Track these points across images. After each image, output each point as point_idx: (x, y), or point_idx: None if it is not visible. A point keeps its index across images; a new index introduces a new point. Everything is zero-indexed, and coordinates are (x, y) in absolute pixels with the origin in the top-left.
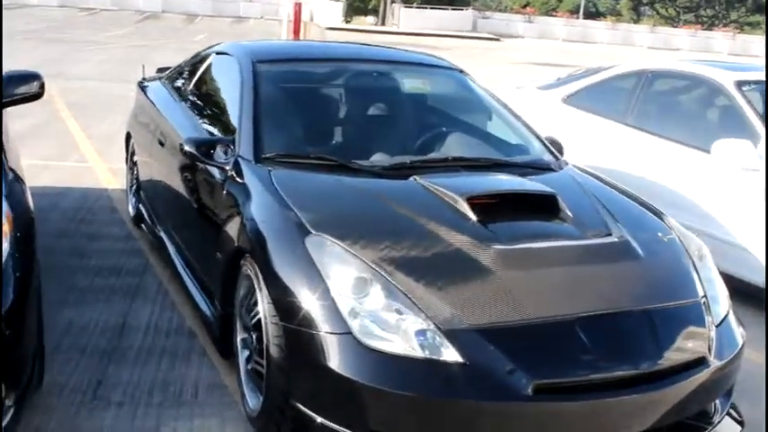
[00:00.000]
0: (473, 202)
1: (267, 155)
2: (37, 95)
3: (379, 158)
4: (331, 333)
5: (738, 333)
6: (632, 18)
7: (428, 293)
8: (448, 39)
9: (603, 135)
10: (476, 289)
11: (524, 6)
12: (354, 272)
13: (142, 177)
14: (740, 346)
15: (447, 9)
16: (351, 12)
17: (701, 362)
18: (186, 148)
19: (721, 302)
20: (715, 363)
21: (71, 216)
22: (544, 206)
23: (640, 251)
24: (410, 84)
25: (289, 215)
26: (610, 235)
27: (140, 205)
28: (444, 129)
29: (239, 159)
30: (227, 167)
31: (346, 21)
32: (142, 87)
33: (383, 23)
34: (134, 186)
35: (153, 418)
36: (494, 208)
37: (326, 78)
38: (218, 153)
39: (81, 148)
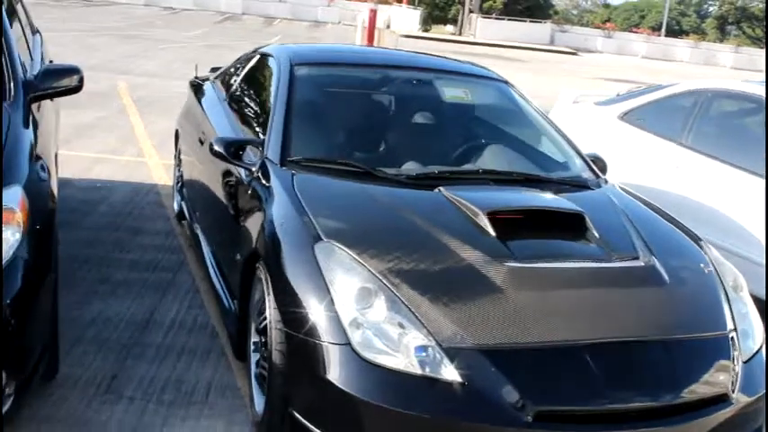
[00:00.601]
0: (495, 217)
1: (294, 158)
2: (76, 89)
3: (409, 167)
4: (330, 343)
5: None
6: (717, 37)
7: (432, 309)
8: (523, 51)
9: (658, 155)
10: (483, 307)
11: (605, 22)
12: (359, 282)
13: (185, 175)
14: (765, 389)
15: (525, 21)
16: (430, 20)
17: (722, 399)
18: (215, 147)
19: (754, 337)
20: (739, 401)
21: (118, 210)
22: (571, 225)
23: (667, 278)
24: (451, 93)
25: (303, 220)
26: (636, 259)
27: (183, 202)
28: (481, 140)
29: (266, 161)
30: (254, 169)
31: (425, 29)
32: (192, 86)
33: (461, 33)
34: (179, 183)
35: (160, 416)
36: (517, 224)
37: (364, 84)
38: (248, 154)
39: (140, 143)
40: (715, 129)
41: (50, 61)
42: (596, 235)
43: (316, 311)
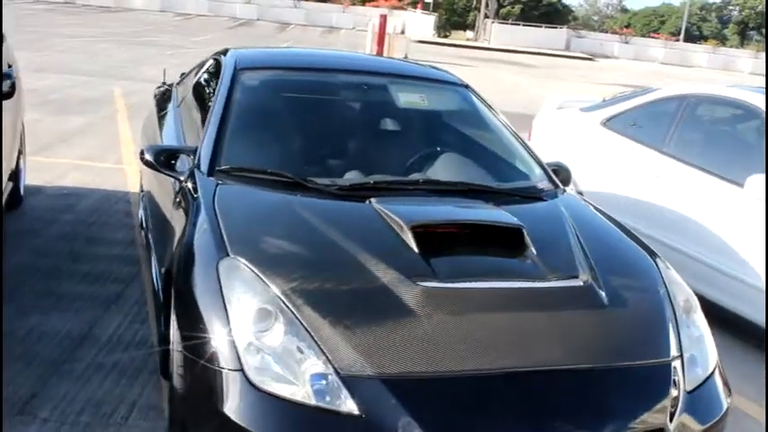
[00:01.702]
0: (422, 231)
1: (223, 167)
2: (7, 95)
3: (350, 177)
4: (223, 369)
5: (721, 400)
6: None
7: (334, 333)
8: (538, 56)
9: (638, 163)
10: (389, 332)
11: (625, 27)
12: (258, 303)
13: (144, 184)
14: (716, 419)
15: (541, 26)
16: (449, 26)
17: None
18: (145, 156)
19: (703, 364)
20: None
21: (83, 219)
22: (507, 240)
23: (606, 300)
24: (406, 99)
25: (214, 235)
26: (575, 278)
27: (142, 211)
28: (433, 149)
29: (195, 171)
30: (182, 178)
31: (445, 35)
32: (157, 92)
33: (477, 39)
34: (141, 192)
35: None
36: (446, 239)
37: (313, 90)
38: (182, 163)
39: (122, 150)
40: (697, 136)
41: (8, 65)
42: (533, 251)
43: (211, 333)
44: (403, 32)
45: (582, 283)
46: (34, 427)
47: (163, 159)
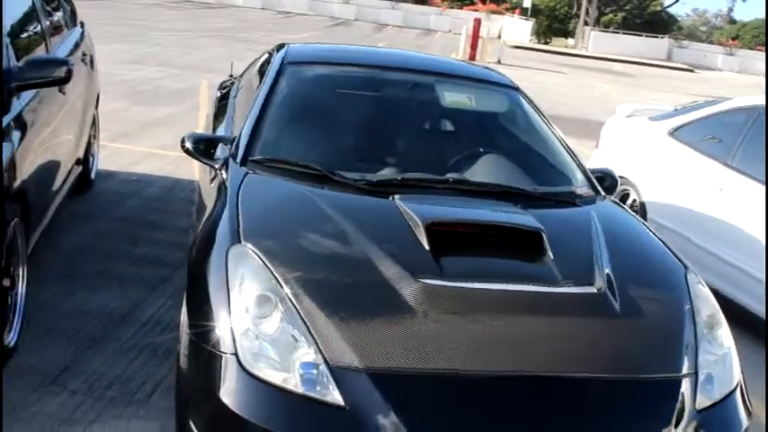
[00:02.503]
0: (439, 229)
1: (256, 157)
2: (63, 80)
3: (384, 173)
4: (220, 353)
5: (737, 422)
6: None
7: (329, 324)
8: (636, 65)
9: (703, 176)
10: (382, 327)
11: (733, 39)
12: (259, 289)
13: (197, 174)
14: None
15: (641, 35)
16: (550, 33)
17: None
18: (186, 144)
19: (721, 384)
20: None
21: (148, 204)
22: (527, 244)
23: (618, 309)
24: (452, 98)
25: (231, 222)
26: (590, 285)
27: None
28: (473, 149)
29: (229, 159)
30: (216, 167)
31: (545, 42)
32: (221, 84)
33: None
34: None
35: (95, 411)
36: (462, 239)
37: (357, 85)
38: (222, 152)
39: None
40: (763, 148)
41: (88, 55)
42: (551, 256)
43: (213, 317)
44: (500, 37)
45: (596, 291)
46: (62, 398)
47: (202, 148)
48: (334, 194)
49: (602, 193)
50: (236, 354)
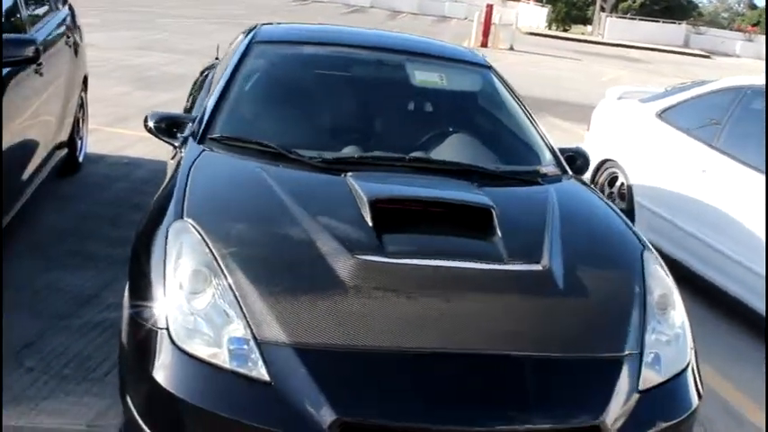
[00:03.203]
0: (386, 207)
1: (214, 136)
2: (31, 60)
3: (348, 151)
4: (152, 328)
5: (685, 403)
6: None
7: (259, 299)
8: (652, 52)
9: (687, 157)
10: (313, 302)
11: (754, 25)
12: (193, 264)
13: None
14: (671, 422)
15: (658, 21)
16: (569, 20)
17: (593, 431)
18: (148, 123)
19: (669, 364)
20: None
21: (135, 187)
22: (476, 221)
23: (562, 287)
24: (422, 77)
25: (177, 199)
26: (536, 263)
27: None
28: (439, 129)
29: (188, 138)
30: (176, 144)
31: (564, 29)
32: (205, 67)
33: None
34: None
35: (48, 389)
36: (410, 217)
37: (324, 65)
38: (184, 130)
39: None
40: (750, 131)
41: (72, 37)
42: (499, 234)
43: (149, 293)
44: (515, 24)
45: (540, 269)
46: (17, 374)
47: (164, 127)
48: (285, 172)
49: (569, 173)
50: (167, 329)
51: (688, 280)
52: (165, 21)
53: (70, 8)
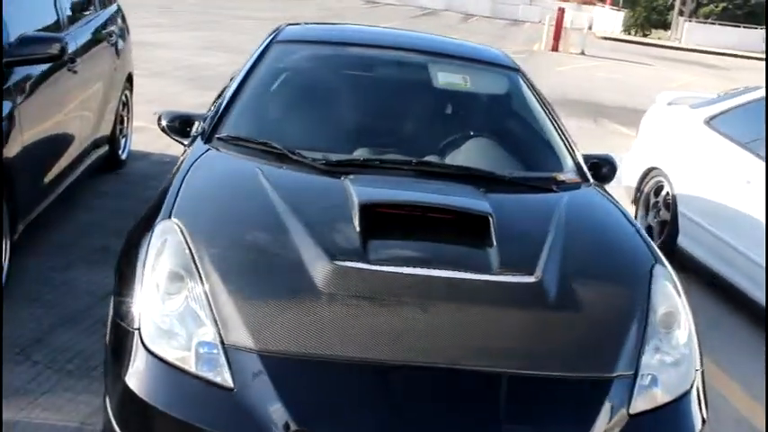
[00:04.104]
0: (382, 211)
1: (222, 135)
2: (55, 57)
3: (357, 154)
4: (126, 328)
5: (682, 429)
6: None
7: (231, 304)
8: (730, 58)
9: (732, 166)
10: (283, 309)
11: None
12: (171, 265)
13: None
14: None
15: (739, 27)
16: (648, 25)
17: None
18: (162, 122)
19: (668, 388)
20: None
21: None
22: (472, 229)
23: (554, 301)
24: (446, 79)
25: (171, 197)
26: (530, 275)
27: None
28: (459, 132)
29: (197, 137)
30: (185, 143)
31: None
32: None
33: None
34: None
35: (49, 383)
36: (404, 222)
37: (343, 65)
38: (196, 129)
39: None
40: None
41: (115, 36)
42: (494, 242)
43: (127, 291)
44: (590, 28)
45: (531, 281)
46: (23, 367)
47: (177, 125)
48: (283, 173)
49: (590, 180)
50: (138, 329)
51: (729, 293)
52: (233, 22)
53: (118, 8)
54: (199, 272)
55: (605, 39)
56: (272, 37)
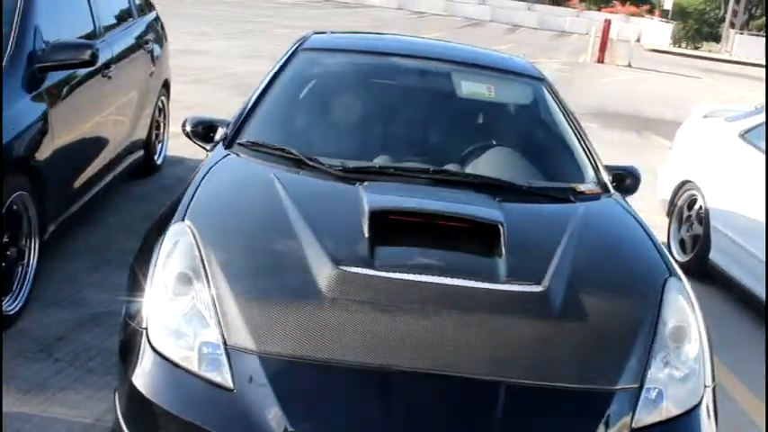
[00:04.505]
0: (394, 218)
1: (242, 141)
2: (87, 63)
3: (377, 161)
4: (135, 326)
5: None
6: None
7: (235, 305)
8: None
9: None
10: (287, 312)
11: None
12: (180, 267)
13: None
14: None
15: None
16: (699, 37)
17: None
18: (186, 127)
19: (674, 401)
20: None
21: None
22: (483, 237)
23: (559, 312)
24: (469, 88)
25: (186, 199)
26: (537, 284)
27: None
28: (480, 142)
29: (219, 143)
30: (208, 148)
31: (695, 46)
32: None
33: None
34: None
35: (69, 379)
36: (411, 229)
37: (365, 73)
38: (220, 135)
39: None
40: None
41: (152, 43)
42: (503, 251)
43: (137, 291)
44: (638, 40)
45: (537, 291)
46: (45, 364)
47: (200, 131)
48: (299, 179)
49: (611, 191)
50: (146, 328)
51: (760, 312)
52: (282, 31)
53: (156, 16)
54: (206, 274)
55: (653, 51)
56: (297, 45)
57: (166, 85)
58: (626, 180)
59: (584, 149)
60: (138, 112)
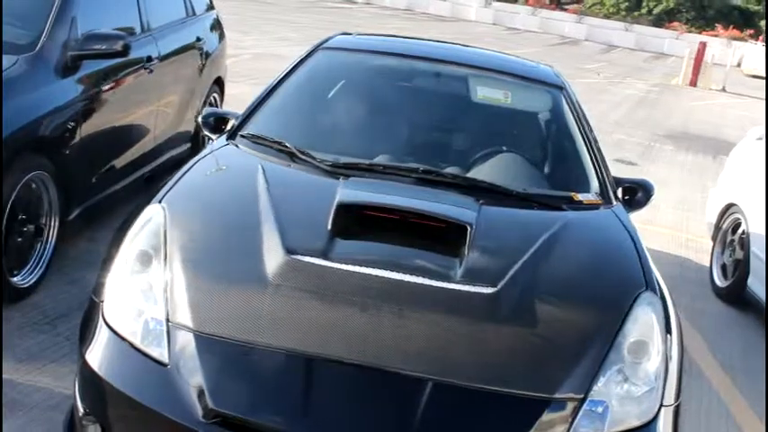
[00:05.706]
0: (366, 213)
1: (245, 133)
2: (119, 53)
3: (379, 161)
4: (93, 300)
5: None
6: None
7: (184, 285)
8: None
9: None
10: (231, 294)
11: None
12: (143, 245)
13: None
14: None
15: None
16: None
17: None
18: (198, 118)
19: (620, 417)
20: None
21: None
22: (450, 238)
23: (507, 315)
24: (484, 93)
25: (172, 182)
26: (491, 287)
27: None
28: (485, 147)
29: (225, 133)
30: (214, 138)
31: None
32: None
33: None
34: None
35: (62, 352)
36: (377, 225)
37: (378, 74)
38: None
39: None
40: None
41: (204, 40)
42: (466, 252)
43: (103, 266)
44: (739, 65)
45: (488, 293)
46: (45, 336)
47: (212, 122)
48: (286, 171)
49: (613, 203)
50: (101, 301)
51: None
52: None
53: (216, 17)
54: (166, 254)
55: (752, 76)
56: (319, 44)
57: (219, 82)
58: (637, 193)
59: (592, 159)
60: (185, 107)
